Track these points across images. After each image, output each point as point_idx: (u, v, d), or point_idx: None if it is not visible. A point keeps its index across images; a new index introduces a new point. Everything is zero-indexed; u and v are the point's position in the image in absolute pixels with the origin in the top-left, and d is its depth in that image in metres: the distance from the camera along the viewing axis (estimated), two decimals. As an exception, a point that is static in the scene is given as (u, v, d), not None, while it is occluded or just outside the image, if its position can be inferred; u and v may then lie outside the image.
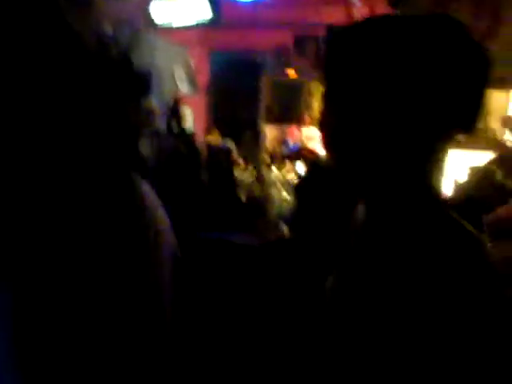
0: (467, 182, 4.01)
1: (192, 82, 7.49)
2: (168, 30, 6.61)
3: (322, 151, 5.50)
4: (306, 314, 2.92)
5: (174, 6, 6.23)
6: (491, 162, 4.34)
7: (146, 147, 5.09)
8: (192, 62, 7.57)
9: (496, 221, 2.97)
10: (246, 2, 6.27)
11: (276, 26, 6.96)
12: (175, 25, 6.31)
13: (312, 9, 6.38)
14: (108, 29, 1.16)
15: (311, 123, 6.69)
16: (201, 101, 7.89)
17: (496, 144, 5.02)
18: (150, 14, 6.24)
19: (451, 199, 3.89)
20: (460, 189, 4.01)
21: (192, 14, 6.24)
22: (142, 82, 5.40)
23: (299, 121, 6.86)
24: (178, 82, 7.05)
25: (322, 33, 5.88)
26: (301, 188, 3.35)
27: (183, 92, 7.08)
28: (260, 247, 4.27)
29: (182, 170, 4.88)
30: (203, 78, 7.89)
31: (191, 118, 7.25)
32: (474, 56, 1.07)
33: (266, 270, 3.96)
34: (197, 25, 6.31)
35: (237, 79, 7.75)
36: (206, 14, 6.21)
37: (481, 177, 3.94)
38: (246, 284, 4.01)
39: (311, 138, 6.50)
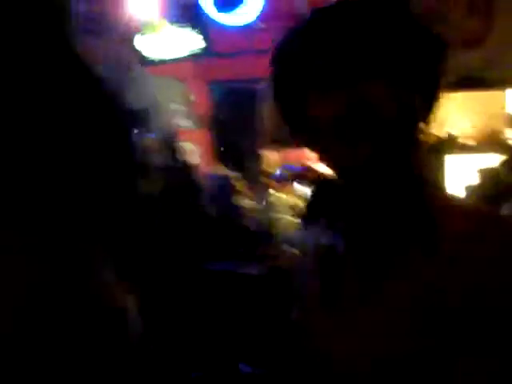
0: (477, 185, 3.96)
1: (192, 116, 7.45)
2: (165, 66, 6.59)
3: (325, 171, 5.40)
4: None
5: (165, 39, 6.21)
6: (501, 164, 4.26)
7: (145, 184, 5.03)
8: (191, 96, 7.54)
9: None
10: (238, 30, 6.23)
11: (270, 51, 6.89)
12: (168, 57, 6.29)
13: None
14: (98, 68, 1.10)
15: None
16: (203, 134, 7.83)
17: (503, 146, 4.93)
18: (140, 50, 6.23)
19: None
20: (471, 192, 3.95)
21: (183, 46, 6.22)
22: (135, 118, 5.36)
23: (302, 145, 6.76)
24: (176, 117, 7.00)
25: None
26: (311, 207, 3.27)
27: (183, 126, 7.03)
28: (266, 275, 4.18)
29: (182, 203, 4.81)
30: (204, 111, 7.84)
31: (195, 153, 7.18)
32: (423, 34, 1.07)
33: (274, 298, 3.85)
34: (190, 55, 6.28)
35: (237, 108, 7.69)
36: (197, 43, 6.19)
37: (486, 177, 3.87)
38: (254, 313, 3.92)
39: (315, 159, 6.39)
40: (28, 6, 0.95)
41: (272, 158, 6.62)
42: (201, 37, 6.23)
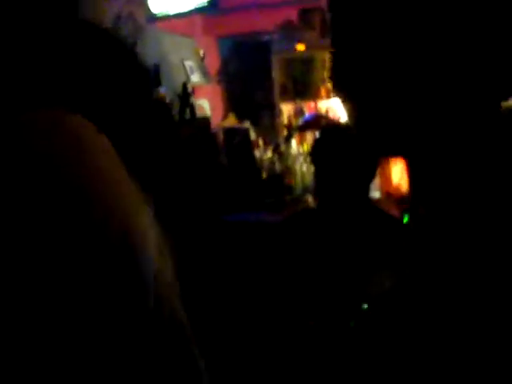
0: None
1: (203, 71, 7.44)
2: (174, 23, 6.58)
3: (341, 120, 5.39)
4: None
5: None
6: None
7: (160, 138, 5.03)
8: (201, 52, 7.53)
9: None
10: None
11: (279, 3, 6.87)
12: (172, 12, 6.29)
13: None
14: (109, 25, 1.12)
15: (327, 96, 6.57)
16: (215, 89, 7.85)
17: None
18: (148, 6, 6.22)
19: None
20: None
21: (189, 1, 6.23)
22: (148, 73, 5.35)
23: (315, 95, 6.75)
24: (188, 73, 6.99)
25: (324, 3, 5.76)
26: (315, 152, 3.24)
27: (195, 82, 7.02)
28: (284, 222, 4.19)
29: (198, 156, 4.82)
30: (214, 66, 7.85)
31: (208, 108, 7.19)
32: None
33: (292, 244, 3.87)
34: (195, 10, 6.27)
35: (247, 62, 7.70)
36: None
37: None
38: (272, 260, 3.94)
39: (330, 109, 6.38)
40: None
41: (286, 109, 6.62)
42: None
